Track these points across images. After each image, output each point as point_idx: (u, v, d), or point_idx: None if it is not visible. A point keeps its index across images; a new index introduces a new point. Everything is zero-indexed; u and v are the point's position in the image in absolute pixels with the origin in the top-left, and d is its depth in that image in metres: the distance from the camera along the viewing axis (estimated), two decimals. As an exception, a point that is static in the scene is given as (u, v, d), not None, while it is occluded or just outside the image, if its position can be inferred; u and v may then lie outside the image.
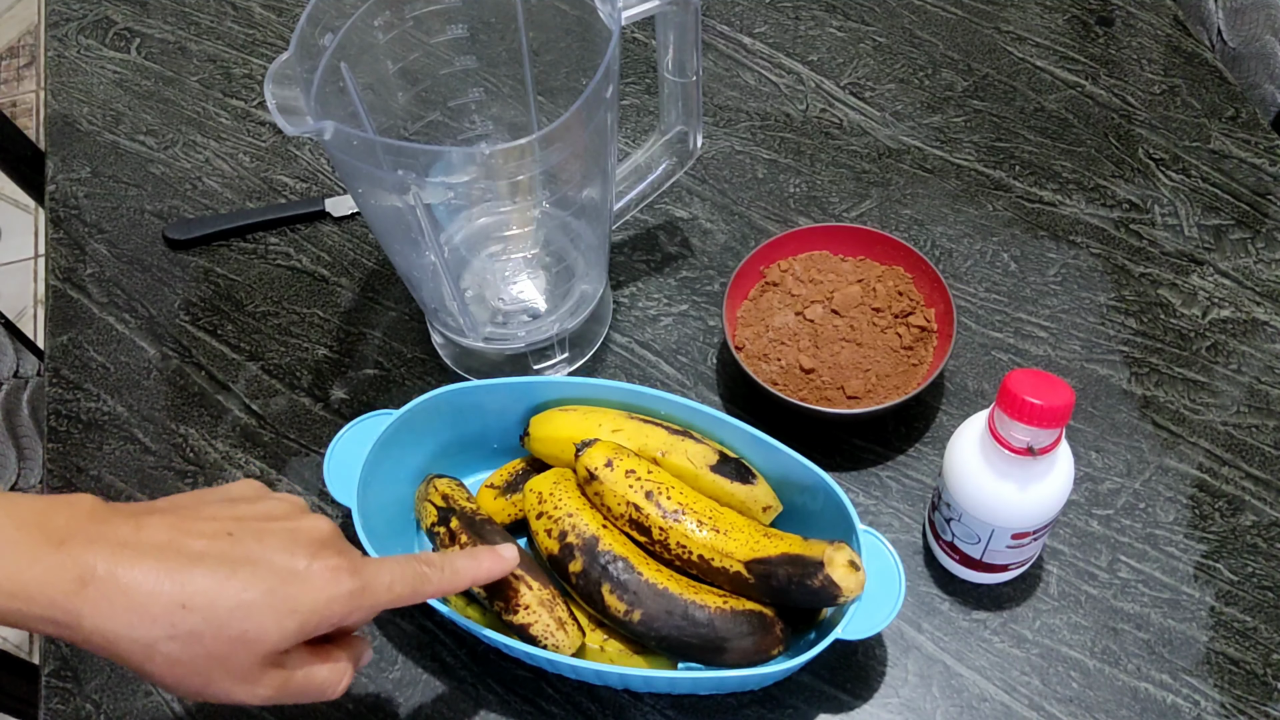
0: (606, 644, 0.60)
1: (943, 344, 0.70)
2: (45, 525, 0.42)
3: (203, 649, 0.43)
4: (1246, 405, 0.71)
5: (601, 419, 0.63)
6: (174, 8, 0.98)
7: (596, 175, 0.66)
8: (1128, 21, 0.93)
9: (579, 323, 0.73)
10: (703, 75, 0.73)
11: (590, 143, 0.62)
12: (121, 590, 0.42)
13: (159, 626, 0.42)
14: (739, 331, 0.72)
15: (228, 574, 0.44)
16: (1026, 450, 0.54)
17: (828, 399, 0.69)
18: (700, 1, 0.64)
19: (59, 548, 0.42)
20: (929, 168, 0.85)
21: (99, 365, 0.77)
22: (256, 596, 0.44)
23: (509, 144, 0.55)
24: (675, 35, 0.65)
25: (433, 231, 0.64)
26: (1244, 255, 0.78)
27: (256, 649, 0.44)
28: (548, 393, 0.65)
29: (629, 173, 0.74)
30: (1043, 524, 0.59)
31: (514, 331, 0.72)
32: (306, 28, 0.59)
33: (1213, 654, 0.62)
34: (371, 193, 0.62)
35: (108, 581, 0.42)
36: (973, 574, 0.64)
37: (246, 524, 0.47)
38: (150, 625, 0.42)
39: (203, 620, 0.43)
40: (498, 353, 0.73)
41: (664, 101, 0.70)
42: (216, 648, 0.43)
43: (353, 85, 0.64)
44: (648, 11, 0.62)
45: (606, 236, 0.72)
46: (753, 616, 0.57)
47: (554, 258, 0.75)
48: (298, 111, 0.55)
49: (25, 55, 2.11)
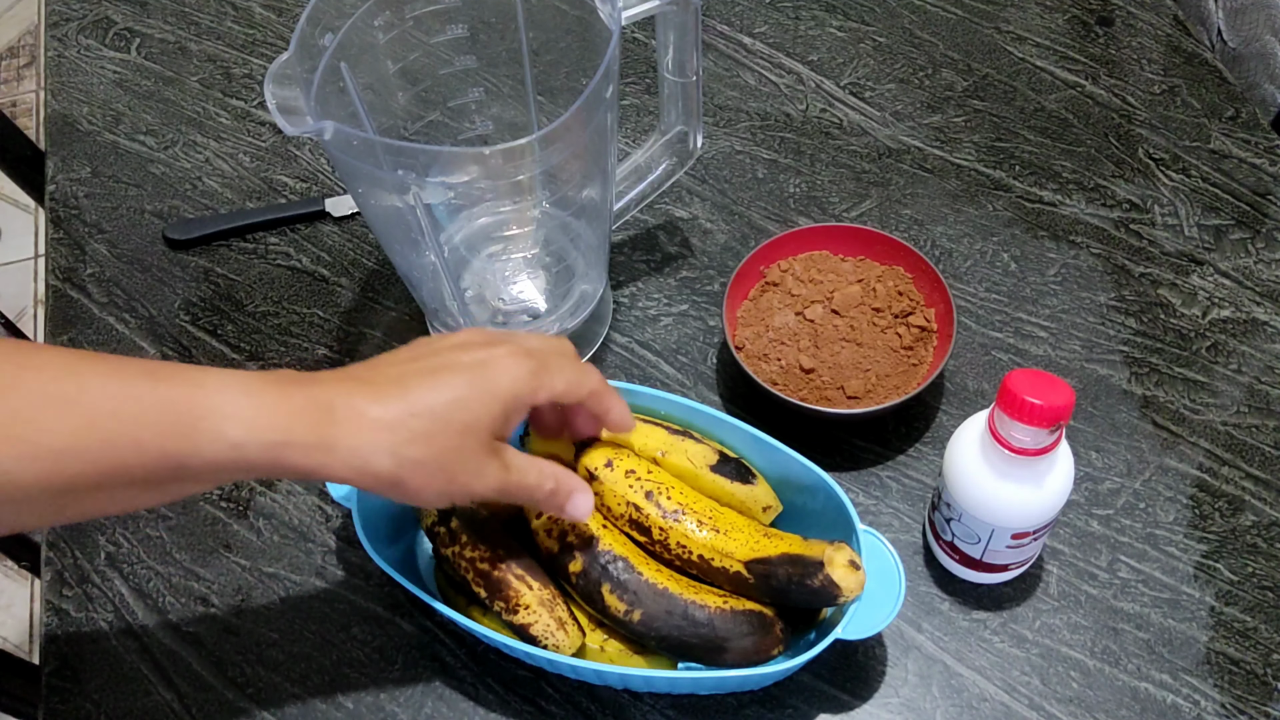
0: (606, 644, 0.60)
1: (943, 344, 0.70)
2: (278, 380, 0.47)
3: (437, 446, 0.48)
4: (1246, 405, 0.71)
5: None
6: (174, 8, 0.98)
7: (596, 175, 0.66)
8: (1128, 21, 0.93)
9: (579, 323, 0.73)
10: (703, 75, 0.73)
11: (590, 143, 0.62)
12: (359, 413, 0.47)
13: (399, 434, 0.47)
14: (739, 331, 0.72)
15: (433, 382, 0.49)
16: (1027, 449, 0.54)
17: (828, 399, 0.69)
18: (700, 1, 0.64)
19: (299, 388, 0.47)
20: (929, 168, 0.85)
21: (99, 365, 0.77)
22: (462, 390, 0.49)
23: (509, 144, 0.55)
24: (675, 35, 0.65)
25: (432, 231, 0.64)
26: (1244, 255, 0.78)
27: (477, 436, 0.49)
28: None
29: (629, 173, 0.74)
30: (1043, 524, 0.59)
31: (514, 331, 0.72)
32: (306, 28, 0.59)
33: (1213, 654, 0.62)
34: (371, 193, 0.62)
35: (348, 408, 0.47)
36: (973, 574, 0.64)
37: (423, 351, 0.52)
38: (391, 435, 0.47)
39: (430, 421, 0.48)
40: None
41: (664, 101, 0.70)
42: (447, 442, 0.49)
43: (353, 85, 0.64)
44: (648, 11, 0.62)
45: (606, 236, 0.72)
46: (753, 616, 0.57)
47: (554, 258, 0.75)
48: (298, 111, 0.55)
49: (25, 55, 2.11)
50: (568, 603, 0.58)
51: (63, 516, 0.46)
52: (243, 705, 0.63)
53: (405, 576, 0.58)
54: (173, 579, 0.68)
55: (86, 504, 0.45)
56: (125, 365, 0.46)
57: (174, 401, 0.45)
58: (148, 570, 0.68)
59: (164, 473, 0.45)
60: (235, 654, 0.65)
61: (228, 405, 0.45)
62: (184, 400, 0.45)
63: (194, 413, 0.45)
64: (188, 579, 0.68)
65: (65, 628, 0.66)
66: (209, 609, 0.66)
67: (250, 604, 0.66)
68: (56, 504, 0.45)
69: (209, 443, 0.45)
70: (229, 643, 0.65)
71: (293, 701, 0.63)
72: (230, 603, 0.67)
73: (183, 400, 0.45)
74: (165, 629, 0.66)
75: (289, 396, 0.47)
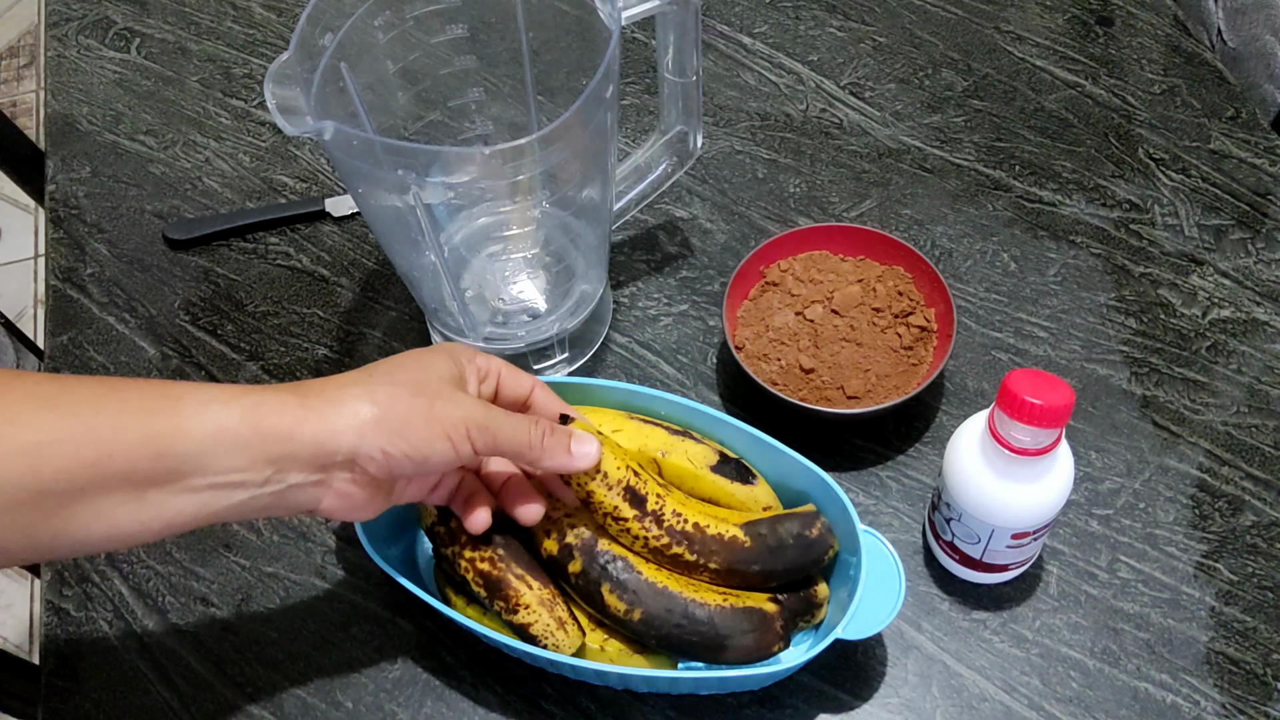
0: (607, 644, 0.60)
1: (943, 344, 0.70)
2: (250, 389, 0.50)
3: (412, 386, 0.51)
4: (1247, 405, 0.71)
5: (601, 420, 0.63)
6: (174, 8, 0.98)
7: (596, 175, 0.66)
8: (1128, 21, 0.93)
9: (579, 323, 0.73)
10: (703, 75, 0.73)
11: (590, 143, 0.61)
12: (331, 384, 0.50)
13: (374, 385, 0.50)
14: (739, 331, 0.72)
15: (390, 364, 0.53)
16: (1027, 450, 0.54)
17: (828, 399, 0.69)
18: (700, 1, 0.64)
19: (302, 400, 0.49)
20: (929, 167, 0.85)
21: (99, 365, 0.77)
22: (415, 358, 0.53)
23: (508, 144, 0.55)
24: (675, 35, 0.65)
25: (432, 231, 0.64)
26: (1244, 255, 0.78)
27: (450, 381, 0.52)
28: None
29: (629, 173, 0.73)
30: (1043, 524, 0.59)
31: (514, 331, 0.73)
32: (306, 28, 0.59)
33: (1213, 654, 0.62)
34: (371, 193, 0.62)
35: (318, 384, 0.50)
36: (973, 574, 0.64)
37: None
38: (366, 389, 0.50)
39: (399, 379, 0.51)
40: (498, 353, 0.73)
41: (664, 101, 0.70)
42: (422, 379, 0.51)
43: (352, 85, 0.64)
44: (648, 11, 0.62)
45: (606, 236, 0.72)
46: (753, 614, 0.57)
47: (554, 258, 0.75)
48: (298, 111, 0.55)
49: (25, 55, 2.11)
50: (568, 603, 0.58)
51: (47, 529, 0.45)
52: (242, 705, 0.63)
53: (405, 576, 0.58)
54: (173, 579, 0.68)
55: (70, 516, 0.45)
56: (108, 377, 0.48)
57: (155, 387, 0.47)
58: (148, 570, 0.68)
59: (147, 461, 0.45)
60: (235, 653, 0.65)
61: (208, 389, 0.48)
62: (166, 386, 0.48)
63: (174, 394, 0.47)
64: (188, 579, 0.68)
65: (65, 627, 0.66)
66: (209, 609, 0.66)
67: (250, 604, 0.66)
68: (41, 510, 0.44)
69: (191, 414, 0.46)
70: (228, 642, 0.65)
71: (292, 701, 0.63)
72: (230, 602, 0.67)
73: (164, 386, 0.47)
74: (165, 629, 0.66)
75: (262, 388, 0.49)
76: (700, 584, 0.59)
